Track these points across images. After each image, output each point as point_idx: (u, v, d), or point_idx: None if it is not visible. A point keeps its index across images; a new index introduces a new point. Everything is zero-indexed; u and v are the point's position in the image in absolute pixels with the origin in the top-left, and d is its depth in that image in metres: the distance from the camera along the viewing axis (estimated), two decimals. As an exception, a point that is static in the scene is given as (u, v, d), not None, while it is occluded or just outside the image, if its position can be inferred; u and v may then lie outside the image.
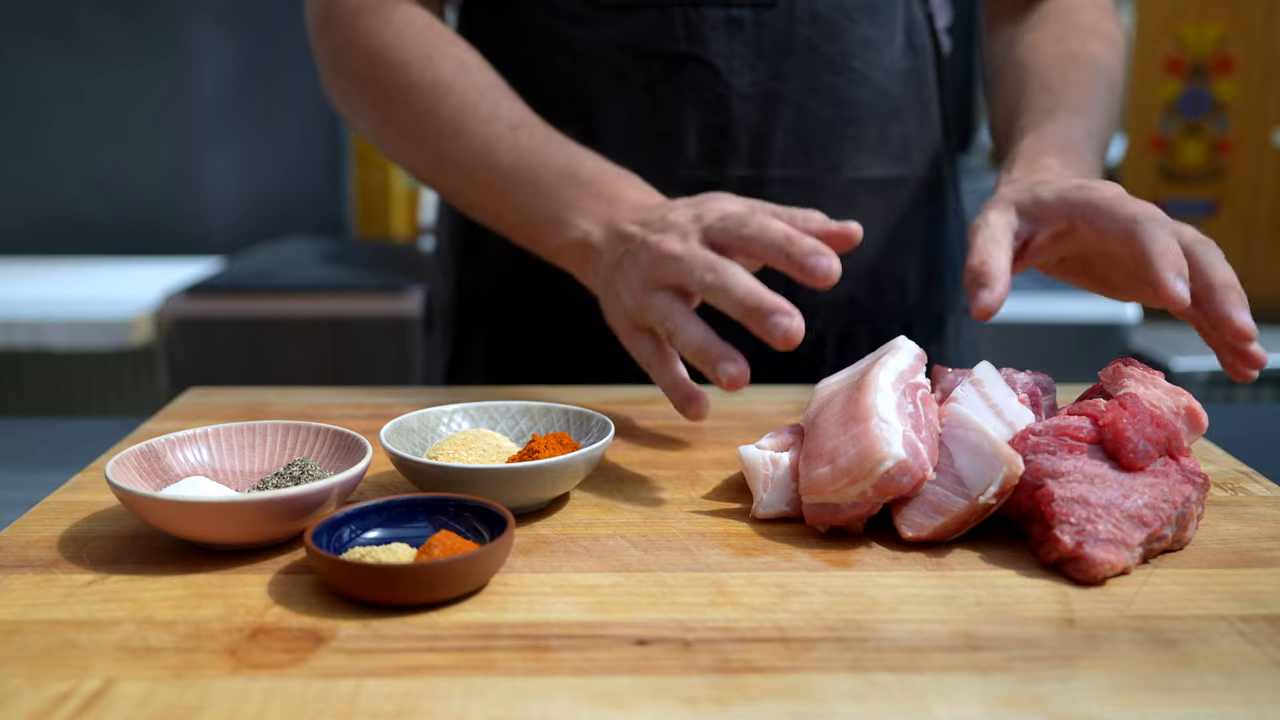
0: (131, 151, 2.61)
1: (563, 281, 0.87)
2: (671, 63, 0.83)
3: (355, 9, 0.83)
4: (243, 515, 0.52)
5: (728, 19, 0.82)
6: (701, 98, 0.83)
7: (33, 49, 2.56)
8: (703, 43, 0.82)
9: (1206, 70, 2.12)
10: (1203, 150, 2.14)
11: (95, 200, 2.62)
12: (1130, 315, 1.88)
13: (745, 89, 0.83)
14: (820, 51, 0.84)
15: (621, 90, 0.84)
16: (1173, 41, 2.15)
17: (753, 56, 0.83)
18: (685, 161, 0.84)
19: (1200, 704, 0.40)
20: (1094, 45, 0.86)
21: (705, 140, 0.84)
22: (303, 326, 1.95)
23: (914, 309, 0.93)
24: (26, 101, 2.59)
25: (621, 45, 0.83)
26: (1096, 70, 0.84)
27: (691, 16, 0.82)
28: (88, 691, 0.41)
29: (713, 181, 0.84)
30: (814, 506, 0.55)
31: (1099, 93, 0.83)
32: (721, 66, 0.83)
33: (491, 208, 0.78)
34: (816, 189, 0.84)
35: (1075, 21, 0.89)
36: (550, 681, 0.42)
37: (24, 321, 2.05)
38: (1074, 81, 0.82)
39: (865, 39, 0.85)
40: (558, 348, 0.92)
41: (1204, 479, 0.55)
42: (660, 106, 0.84)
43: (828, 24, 0.84)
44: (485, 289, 0.94)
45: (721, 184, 0.84)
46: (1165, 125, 2.18)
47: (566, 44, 0.84)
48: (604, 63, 0.83)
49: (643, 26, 0.82)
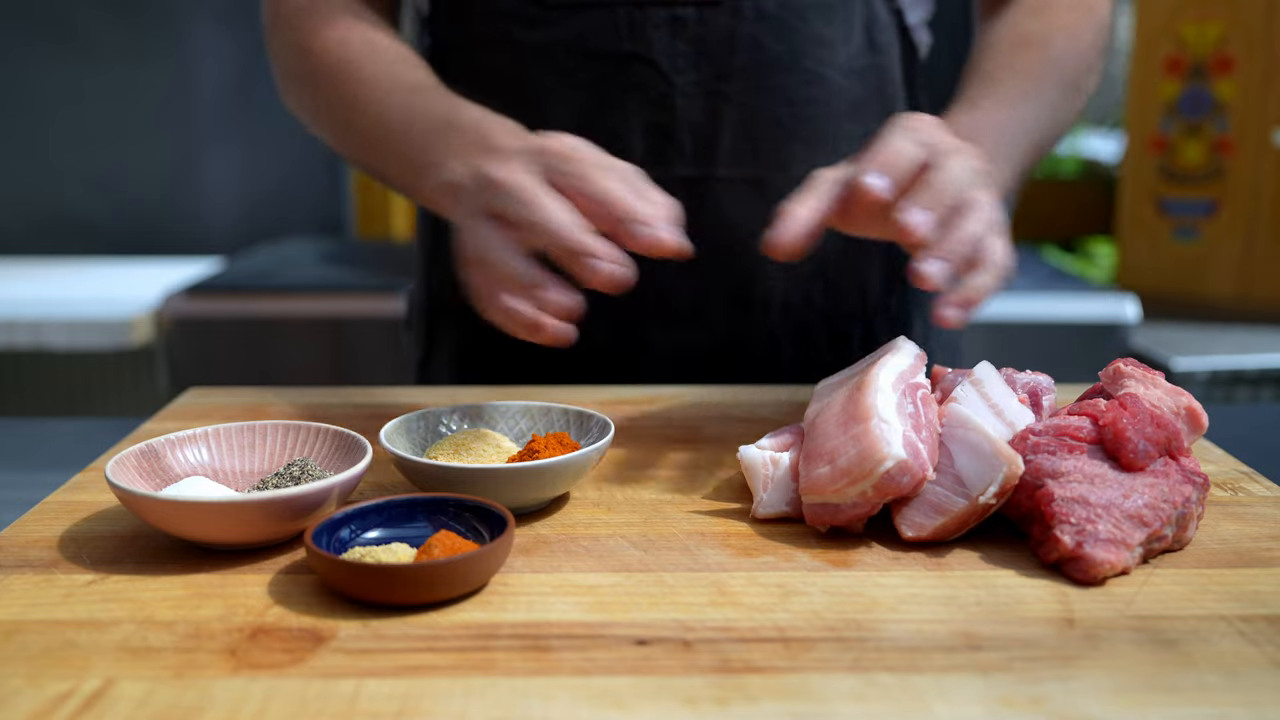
0: (131, 151, 2.61)
1: None
2: (616, 62, 0.83)
3: (291, 12, 0.85)
4: (243, 515, 0.52)
5: (671, 18, 0.82)
6: (646, 97, 0.83)
7: (33, 50, 2.56)
8: (646, 42, 0.82)
9: (1206, 70, 2.12)
10: (1203, 150, 2.14)
11: (95, 200, 2.62)
12: (1130, 315, 1.88)
13: (689, 88, 0.83)
14: (768, 50, 0.83)
15: (568, 90, 0.84)
16: (1173, 41, 2.15)
17: (696, 55, 0.83)
18: (632, 161, 0.84)
19: (1200, 704, 0.40)
20: (1055, 31, 0.84)
21: (650, 139, 0.84)
22: (303, 326, 1.95)
23: (876, 310, 0.92)
24: (27, 102, 2.59)
25: (568, 45, 0.83)
26: (1045, 59, 0.82)
27: (635, 16, 0.82)
28: (88, 691, 0.41)
29: (659, 180, 0.84)
30: (814, 506, 0.55)
31: (1043, 83, 0.80)
32: (665, 65, 0.83)
33: (380, 164, 0.79)
34: (767, 188, 0.84)
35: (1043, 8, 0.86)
36: (550, 681, 0.42)
37: (24, 321, 2.05)
38: (1019, 69, 0.80)
39: (817, 37, 0.84)
40: (522, 351, 0.92)
41: (1204, 479, 0.55)
42: (606, 106, 0.84)
43: (776, 22, 0.83)
44: (453, 290, 0.94)
45: (668, 183, 0.84)
46: (1165, 125, 2.18)
47: (515, 45, 0.85)
48: (551, 63, 0.84)
49: (589, 26, 0.83)
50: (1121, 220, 2.29)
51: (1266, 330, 1.98)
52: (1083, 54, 0.84)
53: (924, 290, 0.94)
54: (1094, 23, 0.87)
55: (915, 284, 0.57)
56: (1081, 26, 0.86)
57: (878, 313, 0.92)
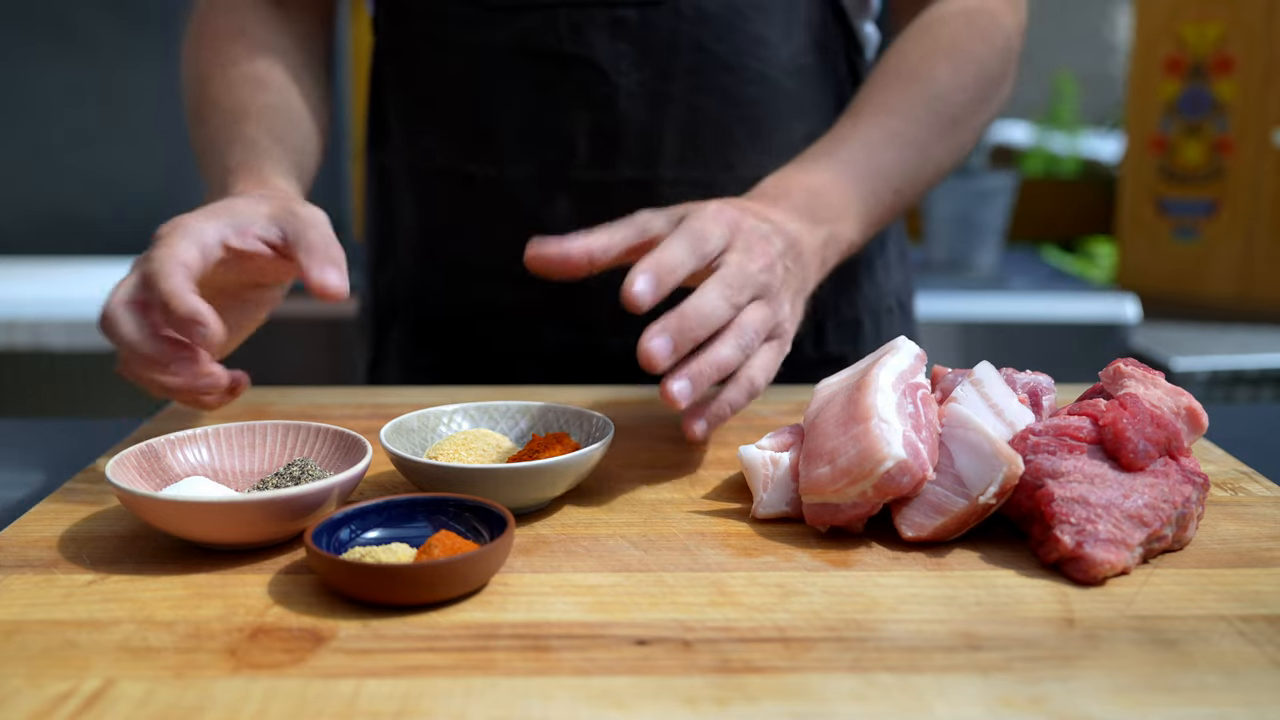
0: (131, 151, 2.61)
1: (471, 288, 0.88)
2: (558, 63, 0.82)
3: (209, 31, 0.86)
4: (243, 515, 0.52)
5: (612, 19, 0.81)
6: (589, 98, 0.83)
7: (33, 50, 2.56)
8: (587, 43, 0.82)
9: (1206, 70, 2.12)
10: (1203, 150, 2.14)
11: (95, 200, 2.61)
12: (1130, 315, 1.88)
13: (632, 88, 0.82)
14: (709, 50, 0.83)
15: (511, 92, 0.84)
16: (1173, 41, 2.15)
17: (638, 56, 0.82)
18: (577, 162, 0.84)
19: (1200, 704, 0.40)
20: (939, 59, 0.81)
21: (595, 141, 0.84)
22: (303, 326, 1.94)
23: (825, 311, 0.92)
24: (27, 102, 2.58)
25: (510, 47, 0.83)
26: (921, 95, 0.79)
27: (575, 17, 0.81)
28: (88, 691, 0.41)
29: (605, 181, 0.84)
30: (814, 506, 0.55)
31: (915, 122, 0.78)
32: (607, 66, 0.82)
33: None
34: (713, 189, 0.83)
35: (934, 26, 0.84)
36: (550, 681, 0.42)
37: (24, 321, 2.05)
38: (890, 107, 0.78)
39: (758, 37, 0.84)
40: (467, 353, 0.92)
41: (1204, 479, 0.55)
42: (550, 107, 0.83)
43: (717, 22, 0.82)
44: (398, 293, 0.95)
45: (613, 184, 0.84)
46: (1165, 125, 2.18)
47: (457, 47, 0.84)
48: (494, 65, 0.84)
49: (530, 28, 0.82)
50: (1121, 220, 2.29)
51: (1266, 330, 1.98)
52: (968, 85, 0.81)
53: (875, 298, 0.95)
54: (985, 55, 0.83)
55: (663, 401, 0.58)
56: (973, 51, 0.83)
57: (828, 313, 0.92)
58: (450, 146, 0.87)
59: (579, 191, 0.84)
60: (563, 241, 0.60)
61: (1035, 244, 2.73)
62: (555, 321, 0.89)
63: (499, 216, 0.87)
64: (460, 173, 0.87)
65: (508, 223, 0.86)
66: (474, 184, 0.87)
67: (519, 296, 0.88)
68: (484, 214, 0.87)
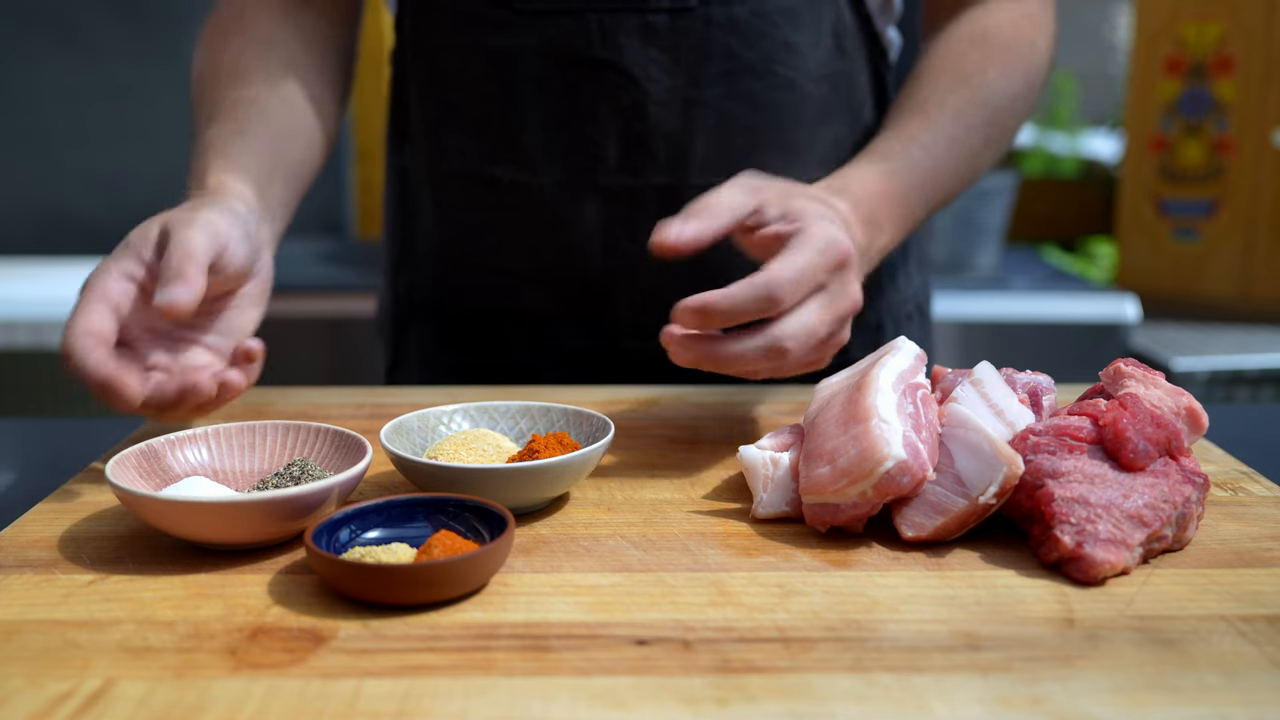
0: (131, 151, 2.61)
1: (492, 291, 0.88)
2: (588, 69, 0.82)
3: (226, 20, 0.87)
4: (243, 515, 0.52)
5: (642, 25, 0.81)
6: (619, 104, 0.82)
7: (33, 50, 2.56)
8: (617, 49, 0.81)
9: (1206, 70, 2.12)
10: (1203, 150, 2.14)
11: (95, 200, 2.61)
12: (1130, 315, 1.88)
13: (662, 95, 0.82)
14: (740, 57, 0.83)
15: (540, 96, 0.83)
16: (1173, 41, 2.15)
17: (669, 63, 0.82)
18: (606, 168, 0.84)
19: (1200, 704, 0.40)
20: (992, 68, 0.83)
21: (624, 147, 0.83)
22: (302, 326, 1.94)
23: None
24: (27, 101, 2.59)
25: (539, 51, 0.82)
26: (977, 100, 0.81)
27: (606, 23, 0.81)
28: (88, 691, 0.41)
29: (634, 187, 0.84)
30: (814, 506, 0.55)
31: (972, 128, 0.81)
32: (637, 73, 0.82)
33: None
34: None
35: (983, 39, 0.85)
36: (550, 681, 0.42)
37: (24, 321, 2.05)
38: (950, 107, 0.80)
39: (787, 43, 0.84)
40: (486, 355, 0.92)
41: (1204, 479, 0.55)
42: (579, 113, 0.83)
43: (746, 29, 0.82)
44: (419, 296, 0.94)
45: (642, 190, 0.84)
46: (1165, 125, 2.18)
47: (486, 51, 0.84)
48: (522, 69, 0.83)
49: (559, 33, 0.82)
50: (1121, 220, 2.29)
51: (1266, 330, 1.98)
52: (1015, 95, 0.84)
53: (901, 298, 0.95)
54: (1028, 65, 0.86)
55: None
56: (1016, 68, 0.85)
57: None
58: (476, 150, 0.86)
59: (607, 197, 0.84)
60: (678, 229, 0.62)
61: (1035, 244, 2.73)
62: (575, 323, 0.89)
63: (524, 220, 0.86)
64: (486, 176, 0.86)
65: (533, 226, 0.86)
66: (499, 188, 0.86)
67: (540, 299, 0.88)
68: (508, 217, 0.87)
